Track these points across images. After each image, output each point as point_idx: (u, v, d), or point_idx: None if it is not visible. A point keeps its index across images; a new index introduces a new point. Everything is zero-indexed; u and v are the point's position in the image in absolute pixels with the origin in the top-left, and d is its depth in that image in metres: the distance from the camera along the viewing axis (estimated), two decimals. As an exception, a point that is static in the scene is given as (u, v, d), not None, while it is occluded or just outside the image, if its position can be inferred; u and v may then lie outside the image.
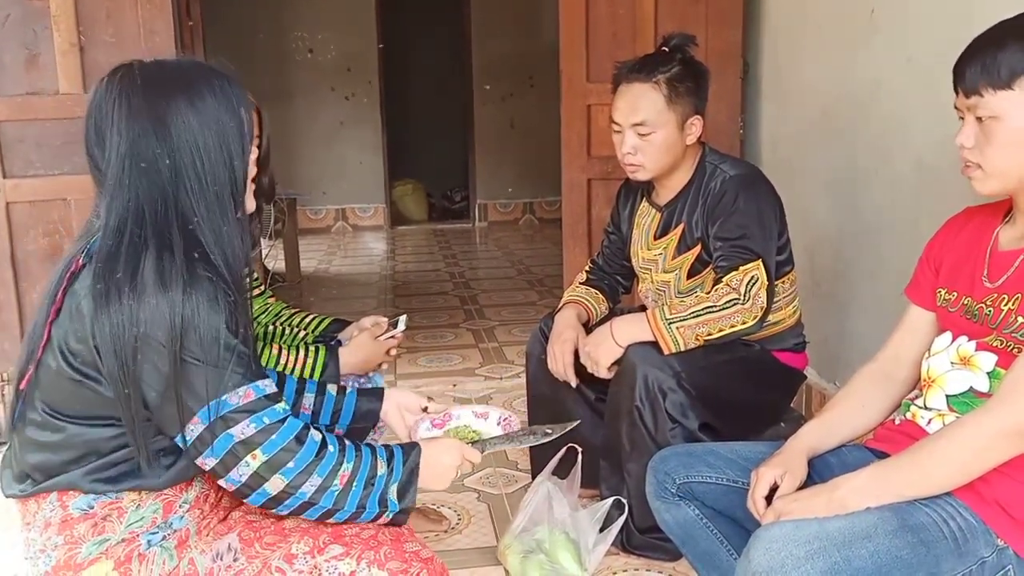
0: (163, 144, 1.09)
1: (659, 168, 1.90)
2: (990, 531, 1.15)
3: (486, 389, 3.09)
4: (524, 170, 6.86)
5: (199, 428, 1.06)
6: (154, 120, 1.09)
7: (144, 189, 1.09)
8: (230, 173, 1.12)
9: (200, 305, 1.04)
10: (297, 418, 1.12)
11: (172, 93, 1.10)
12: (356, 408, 1.39)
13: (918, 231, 1.91)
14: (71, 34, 2.54)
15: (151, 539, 1.14)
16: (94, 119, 1.11)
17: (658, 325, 1.76)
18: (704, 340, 1.75)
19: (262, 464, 1.07)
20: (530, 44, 6.58)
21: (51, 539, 1.12)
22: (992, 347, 1.23)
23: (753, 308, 1.75)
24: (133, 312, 1.03)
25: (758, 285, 1.76)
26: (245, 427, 1.06)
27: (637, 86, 1.86)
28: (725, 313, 1.75)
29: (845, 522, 1.13)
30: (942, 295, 1.35)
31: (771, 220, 1.85)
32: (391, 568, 1.13)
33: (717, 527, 1.44)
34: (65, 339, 1.07)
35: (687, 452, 1.48)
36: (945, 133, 1.91)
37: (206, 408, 1.05)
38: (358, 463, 1.12)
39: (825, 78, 2.51)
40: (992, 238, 1.30)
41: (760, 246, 1.80)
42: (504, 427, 1.37)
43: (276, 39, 6.56)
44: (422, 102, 7.88)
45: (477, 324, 3.97)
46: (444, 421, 1.38)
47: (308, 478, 1.08)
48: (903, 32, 2.11)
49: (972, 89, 1.18)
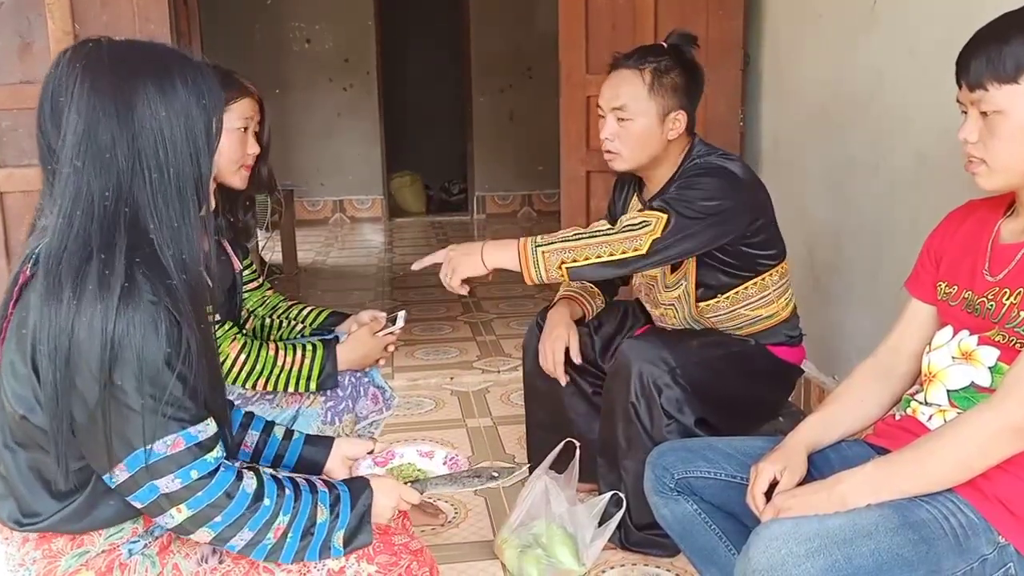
0: (125, 128, 1.00)
1: (636, 159, 1.87)
2: (991, 528, 1.14)
3: (484, 382, 3.08)
4: (522, 162, 6.84)
5: (124, 475, 1.00)
6: (118, 101, 1.00)
7: (97, 176, 1.00)
8: (195, 169, 1.04)
9: (135, 329, 0.97)
10: (231, 467, 1.06)
11: (141, 75, 1.02)
12: (300, 457, 1.33)
13: (918, 225, 1.90)
14: (65, 22, 2.52)
15: (132, 548, 1.11)
16: (51, 93, 1.03)
17: (525, 249, 1.69)
18: (568, 268, 1.68)
19: (187, 518, 1.03)
20: (529, 35, 6.54)
21: (29, 554, 1.09)
22: (994, 341, 1.22)
23: (625, 243, 1.67)
24: (70, 317, 0.96)
25: (647, 230, 1.68)
26: (170, 481, 1.01)
27: (622, 72, 1.85)
28: (593, 241, 1.68)
29: (845, 519, 1.12)
30: (942, 288, 1.34)
31: (722, 202, 1.74)
32: (380, 562, 1.12)
33: (715, 522, 1.43)
34: (12, 365, 1.02)
35: (685, 447, 1.47)
36: (946, 127, 1.89)
37: (132, 456, 0.99)
38: (295, 514, 1.07)
39: (826, 70, 2.49)
40: (993, 231, 1.29)
41: (682, 209, 1.71)
42: (450, 467, 1.34)
43: (273, 29, 6.52)
44: (420, 93, 7.85)
45: (475, 317, 3.96)
46: (387, 459, 1.34)
47: (238, 531, 1.04)
48: (905, 24, 2.09)
49: (977, 83, 1.17)
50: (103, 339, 0.96)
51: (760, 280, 1.89)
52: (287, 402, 1.77)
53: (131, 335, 0.97)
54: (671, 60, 1.84)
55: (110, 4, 2.54)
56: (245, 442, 1.32)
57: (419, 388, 3.03)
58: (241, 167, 1.70)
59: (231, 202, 1.80)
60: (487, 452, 2.51)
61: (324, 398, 1.78)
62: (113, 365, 0.97)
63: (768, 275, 1.89)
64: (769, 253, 1.89)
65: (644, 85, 1.82)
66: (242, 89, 1.70)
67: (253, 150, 1.71)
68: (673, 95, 1.83)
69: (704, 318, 1.93)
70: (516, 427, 2.58)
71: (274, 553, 1.07)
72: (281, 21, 6.56)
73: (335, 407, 1.78)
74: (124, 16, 2.54)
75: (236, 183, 1.71)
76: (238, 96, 1.68)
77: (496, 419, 2.75)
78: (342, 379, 1.80)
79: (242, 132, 1.68)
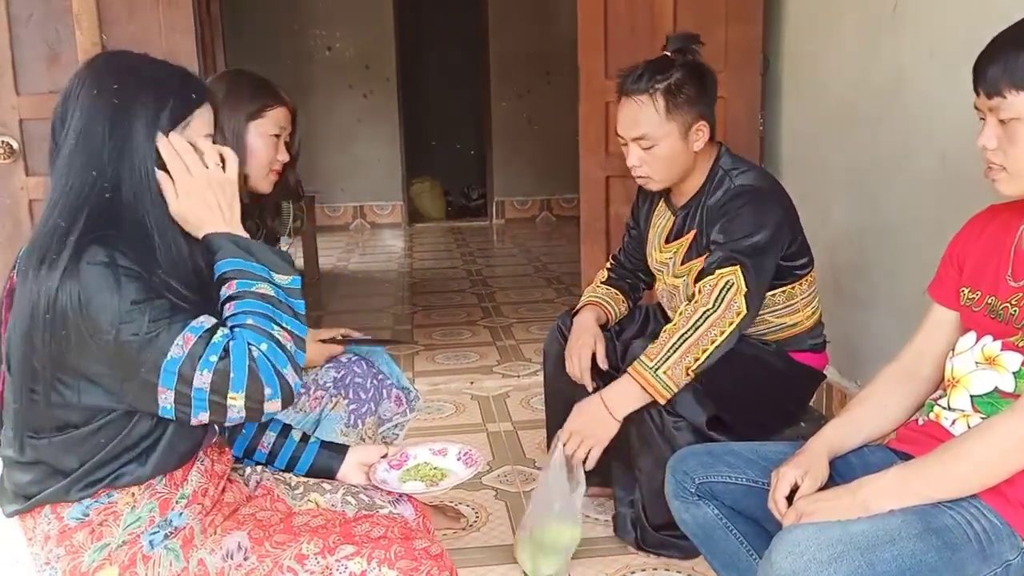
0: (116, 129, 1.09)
1: (668, 178, 1.87)
2: (1015, 533, 1.13)
3: (503, 387, 3.09)
4: (541, 167, 6.85)
5: (170, 395, 1.04)
6: (115, 106, 1.09)
7: (82, 171, 1.09)
8: None
9: (92, 280, 1.02)
10: (227, 334, 1.07)
11: (139, 83, 1.11)
12: (315, 461, 1.35)
13: (941, 228, 1.88)
14: (93, 33, 2.56)
15: (153, 539, 1.13)
16: (63, 98, 1.13)
17: (646, 379, 1.70)
18: (695, 369, 1.69)
19: (246, 400, 1.04)
20: (547, 40, 6.56)
21: (53, 551, 1.12)
22: (1017, 347, 1.21)
23: (727, 314, 1.69)
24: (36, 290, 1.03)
25: (733, 290, 1.70)
26: (203, 378, 1.03)
27: (635, 99, 1.81)
28: (700, 332, 1.69)
29: (868, 525, 1.12)
30: (965, 294, 1.33)
31: (770, 229, 1.76)
32: (401, 567, 1.12)
33: (737, 527, 1.43)
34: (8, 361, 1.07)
35: (707, 452, 1.47)
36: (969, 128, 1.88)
37: (163, 376, 1.03)
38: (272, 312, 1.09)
39: (846, 72, 2.48)
40: (1016, 236, 1.28)
41: (747, 252, 1.74)
42: (465, 462, 1.35)
43: (295, 37, 6.60)
44: (439, 99, 7.89)
45: (494, 322, 3.97)
46: (401, 462, 1.35)
47: (271, 335, 1.07)
48: (926, 25, 2.08)
49: (994, 90, 1.16)
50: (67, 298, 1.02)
51: (789, 289, 1.88)
52: (310, 406, 1.79)
53: (88, 286, 1.02)
54: (680, 72, 1.81)
55: (137, 15, 2.59)
56: (262, 443, 1.35)
57: (439, 393, 3.04)
58: (270, 172, 1.75)
59: (258, 207, 1.83)
60: (507, 456, 2.52)
61: (347, 401, 1.80)
62: (90, 319, 1.02)
63: (798, 284, 1.89)
64: (801, 263, 1.89)
65: (660, 110, 1.79)
66: (278, 98, 1.75)
67: (283, 157, 1.76)
68: (690, 108, 1.80)
69: None
70: (536, 431, 2.59)
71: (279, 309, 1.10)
72: (303, 29, 6.63)
73: (357, 410, 1.80)
74: (151, 27, 2.59)
75: (264, 188, 1.76)
76: (274, 104, 1.73)
77: (516, 423, 2.75)
78: (364, 382, 1.82)
79: (275, 139, 1.73)
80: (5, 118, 2.58)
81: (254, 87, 1.74)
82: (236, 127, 1.69)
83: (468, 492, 2.26)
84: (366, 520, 1.23)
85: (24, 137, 2.60)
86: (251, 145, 1.71)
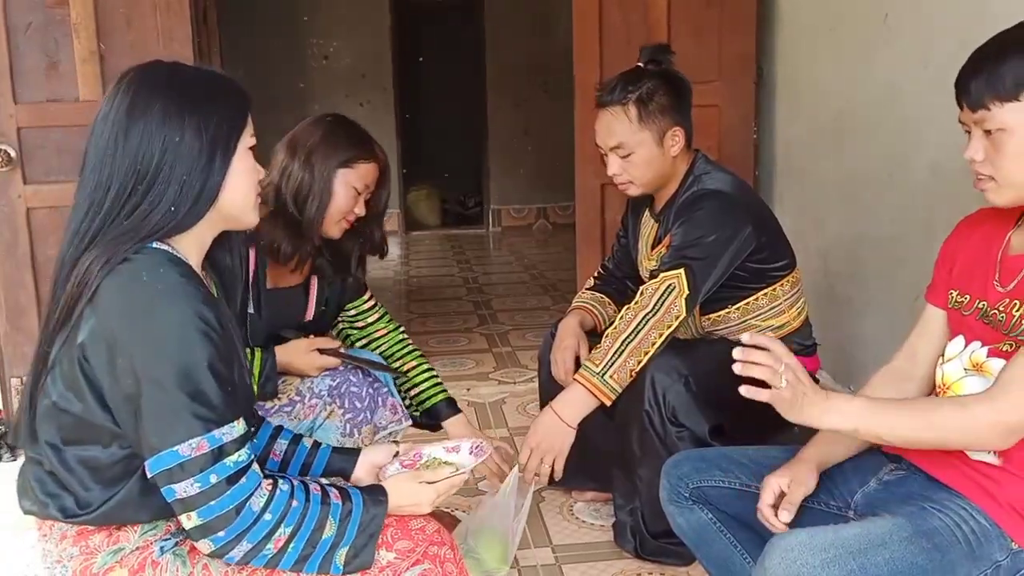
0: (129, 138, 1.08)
1: (648, 183, 1.91)
2: (1004, 534, 1.15)
3: (500, 393, 3.09)
4: (538, 176, 6.87)
5: (150, 471, 1.05)
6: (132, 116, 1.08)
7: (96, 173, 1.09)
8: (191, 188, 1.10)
9: (174, 324, 1.03)
10: (253, 476, 1.07)
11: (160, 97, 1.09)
12: (327, 465, 1.35)
13: (933, 235, 1.90)
14: (91, 42, 2.58)
15: (164, 546, 1.14)
16: None
17: (594, 384, 1.72)
18: (637, 371, 1.73)
19: (197, 526, 1.05)
20: (544, 50, 6.58)
21: (67, 550, 1.13)
22: (1003, 352, 1.22)
23: (666, 317, 1.73)
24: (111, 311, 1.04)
25: (675, 294, 1.74)
26: (189, 486, 1.03)
27: (609, 110, 1.86)
28: (642, 335, 1.73)
29: (859, 529, 1.14)
30: (954, 296, 1.35)
31: (726, 232, 1.79)
32: (400, 548, 1.14)
33: (731, 531, 1.44)
34: (60, 365, 1.09)
35: (700, 457, 1.48)
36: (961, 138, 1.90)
37: (156, 457, 1.03)
38: (298, 526, 1.08)
39: (839, 83, 2.51)
40: (1004, 242, 1.30)
41: (694, 255, 1.77)
42: (476, 455, 1.35)
43: (292, 46, 6.61)
44: (436, 108, 7.91)
45: (491, 329, 3.98)
46: (414, 461, 1.35)
47: (237, 544, 1.06)
48: (917, 37, 2.10)
49: (978, 103, 1.18)
50: (148, 332, 1.02)
51: (771, 291, 1.90)
52: (304, 414, 1.80)
53: (170, 329, 1.02)
54: (652, 82, 1.85)
55: (135, 24, 2.60)
56: (274, 451, 1.36)
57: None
58: (343, 220, 1.79)
59: (339, 254, 1.88)
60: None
61: (343, 410, 1.80)
62: (150, 359, 1.02)
63: (779, 285, 1.91)
64: (778, 264, 1.90)
65: (632, 119, 1.84)
66: (372, 154, 1.80)
67: (360, 211, 1.80)
68: (663, 116, 1.85)
69: (716, 330, 1.94)
70: (532, 438, 2.59)
71: (273, 561, 1.08)
72: (299, 37, 6.65)
73: (353, 419, 1.80)
74: (149, 35, 2.60)
75: (333, 233, 1.80)
76: (366, 160, 1.78)
77: (512, 430, 2.76)
78: (359, 390, 1.83)
79: (356, 192, 1.77)
80: (3, 127, 2.59)
81: (352, 137, 1.79)
82: (326, 171, 1.74)
83: (464, 498, 2.26)
84: None
85: (22, 146, 2.61)
86: (335, 191, 1.75)
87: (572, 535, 2.09)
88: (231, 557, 1.07)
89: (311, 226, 1.75)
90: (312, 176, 1.74)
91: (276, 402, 1.79)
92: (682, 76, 1.92)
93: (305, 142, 1.77)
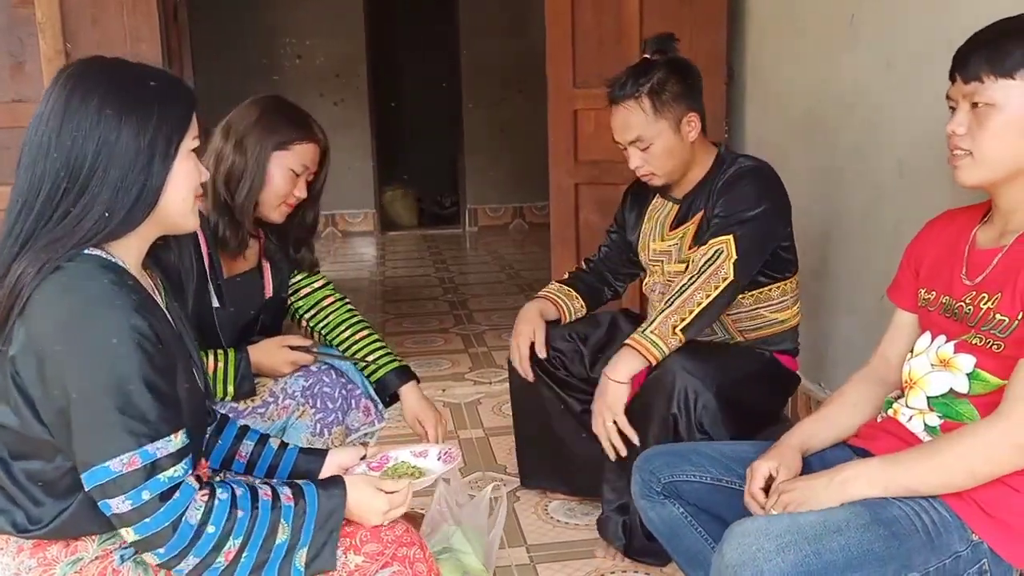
0: (63, 136, 1.03)
1: (671, 171, 1.93)
2: (964, 526, 1.16)
3: (475, 394, 3.09)
4: (514, 175, 6.87)
5: (85, 486, 1.02)
6: (66, 113, 1.04)
7: (27, 172, 1.04)
8: (125, 192, 1.05)
9: (103, 333, 0.99)
10: (187, 490, 1.03)
11: (96, 94, 1.04)
12: (295, 467, 1.33)
13: (900, 233, 1.93)
14: (57, 41, 2.55)
15: (124, 554, 1.12)
16: None
17: (637, 340, 1.74)
18: (681, 329, 1.74)
19: (135, 541, 1.03)
20: (519, 49, 6.59)
21: (24, 563, 1.10)
22: (971, 345, 1.24)
23: (713, 279, 1.75)
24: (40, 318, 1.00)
25: (723, 257, 1.77)
26: (121, 502, 1.00)
27: (623, 105, 1.87)
28: (687, 294, 1.75)
29: (817, 516, 1.15)
30: (922, 295, 1.37)
31: (769, 204, 1.84)
32: (368, 551, 1.13)
33: (702, 525, 1.45)
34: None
35: (672, 452, 1.49)
36: (925, 135, 1.94)
37: (89, 472, 1.00)
38: (248, 535, 1.04)
39: (807, 82, 2.53)
40: (970, 237, 1.32)
41: (742, 223, 1.80)
42: (445, 461, 1.33)
43: (264, 45, 6.56)
44: (411, 107, 7.89)
45: (467, 329, 3.98)
46: (381, 464, 1.34)
47: (183, 560, 1.03)
48: (882, 37, 2.13)
49: (973, 75, 1.19)
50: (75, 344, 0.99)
51: (783, 284, 1.94)
52: (277, 415, 1.79)
53: (99, 341, 0.99)
54: (662, 71, 1.87)
55: (101, 23, 2.57)
56: (240, 452, 1.33)
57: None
58: (282, 204, 1.75)
59: (281, 236, 1.86)
60: (479, 463, 2.52)
61: (314, 410, 1.79)
62: (79, 373, 0.99)
63: (788, 282, 1.96)
64: (792, 259, 1.95)
65: (648, 111, 1.86)
66: (310, 135, 1.75)
67: (300, 193, 1.76)
68: (677, 103, 1.87)
69: (727, 314, 1.93)
70: (508, 438, 2.59)
71: (227, 572, 1.05)
72: (272, 36, 6.59)
73: (324, 419, 1.79)
74: (115, 35, 2.57)
75: (274, 218, 1.76)
76: (305, 140, 1.74)
77: (488, 430, 2.76)
78: (332, 391, 1.82)
79: (294, 174, 1.73)
80: (-32, 127, 2.55)
81: (289, 118, 1.75)
82: (260, 153, 1.69)
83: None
84: None
85: (-13, 146, 2.57)
86: (270, 174, 1.71)
87: (547, 535, 2.09)
88: (179, 570, 1.04)
89: (242, 211, 1.70)
90: (245, 159, 1.68)
91: (250, 404, 1.78)
92: (690, 62, 1.94)
93: (239, 125, 1.72)
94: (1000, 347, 1.19)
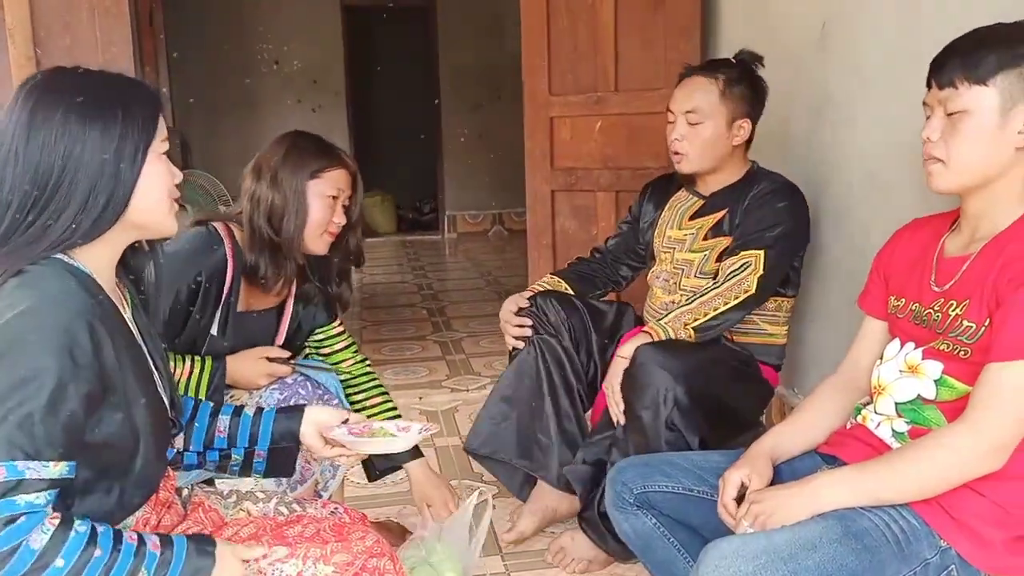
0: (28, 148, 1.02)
1: (702, 161, 1.98)
2: (933, 532, 1.18)
3: (453, 401, 3.08)
4: (493, 181, 6.88)
5: None
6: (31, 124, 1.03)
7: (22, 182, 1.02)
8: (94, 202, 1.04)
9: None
10: (34, 517, 0.94)
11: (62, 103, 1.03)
12: (273, 428, 1.30)
13: (869, 240, 1.95)
14: (27, 47, 2.51)
15: None
16: None
17: (651, 326, 1.83)
18: (692, 326, 1.81)
19: None
20: (498, 55, 6.60)
21: None
22: (939, 352, 1.25)
23: (735, 288, 1.83)
24: None
25: (749, 270, 1.85)
26: None
27: (696, 78, 1.97)
28: (707, 297, 1.84)
29: (790, 534, 1.15)
30: (892, 302, 1.39)
31: (798, 225, 1.94)
32: (337, 562, 1.12)
33: (674, 535, 1.46)
34: None
35: (644, 463, 1.50)
36: (895, 145, 1.96)
37: None
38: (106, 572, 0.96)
39: (779, 91, 2.54)
40: (939, 245, 1.34)
41: (774, 241, 1.87)
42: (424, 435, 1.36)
43: (241, 51, 6.52)
44: (390, 114, 7.88)
45: (444, 336, 3.97)
46: (362, 431, 1.33)
47: None
48: (852, 46, 2.15)
49: (948, 82, 1.21)
50: None
51: (781, 301, 2.01)
52: None
53: (25, 333, 0.97)
54: (741, 72, 1.97)
55: (72, 28, 2.54)
56: (219, 428, 1.30)
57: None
58: (324, 233, 1.74)
59: (321, 270, 1.85)
60: (455, 471, 2.51)
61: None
62: None
63: (787, 300, 2.02)
64: (796, 281, 2.02)
65: (717, 91, 1.94)
66: (340, 160, 1.76)
67: (339, 220, 1.76)
68: (740, 103, 1.95)
69: None
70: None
71: None
72: (249, 42, 6.56)
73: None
74: (86, 40, 2.54)
75: (318, 249, 1.76)
76: (334, 166, 1.75)
77: (465, 438, 2.75)
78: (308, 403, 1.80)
79: (331, 200, 1.73)
80: (-66, 133, 2.50)
81: (316, 148, 1.76)
82: (297, 185, 1.70)
83: (413, 509, 2.24)
84: (298, 522, 1.22)
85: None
86: (308, 204, 1.71)
87: (521, 543, 2.08)
88: None
89: (291, 244, 1.71)
90: (283, 194, 1.70)
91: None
92: (765, 84, 2.02)
93: (269, 163, 1.74)
94: (967, 353, 1.21)
